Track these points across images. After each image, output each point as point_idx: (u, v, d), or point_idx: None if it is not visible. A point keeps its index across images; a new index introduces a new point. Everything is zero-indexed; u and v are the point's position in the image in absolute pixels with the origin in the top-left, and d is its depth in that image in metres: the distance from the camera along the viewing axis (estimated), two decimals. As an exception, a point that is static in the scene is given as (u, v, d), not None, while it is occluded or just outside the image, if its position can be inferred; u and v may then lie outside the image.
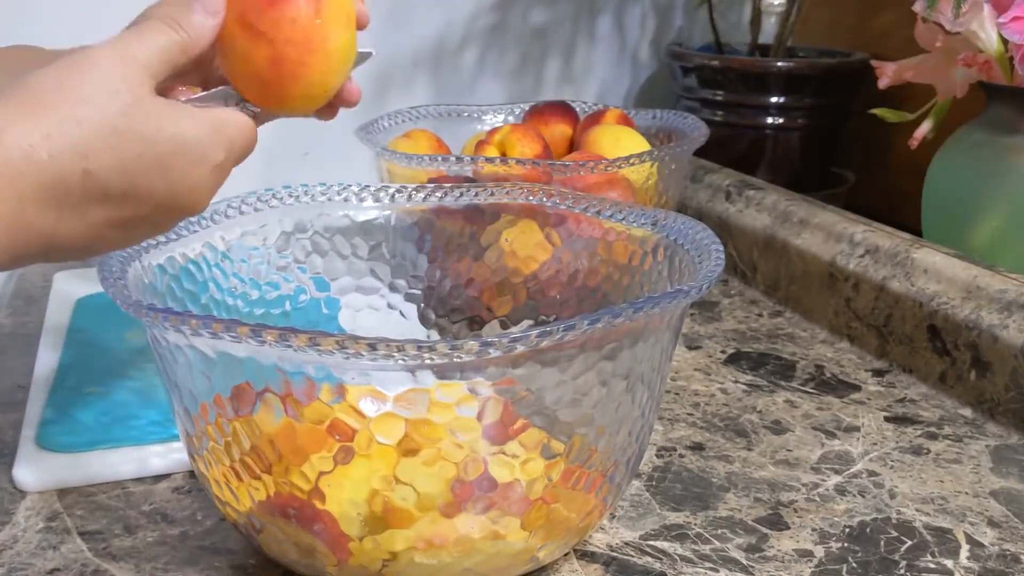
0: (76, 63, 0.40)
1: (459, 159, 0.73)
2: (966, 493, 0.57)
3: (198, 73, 0.47)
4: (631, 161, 0.74)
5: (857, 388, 0.70)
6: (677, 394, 0.69)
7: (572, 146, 0.87)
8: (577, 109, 0.91)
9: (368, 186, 0.61)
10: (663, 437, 0.63)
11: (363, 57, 0.50)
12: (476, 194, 0.61)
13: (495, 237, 0.62)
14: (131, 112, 0.40)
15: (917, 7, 0.80)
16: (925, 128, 0.87)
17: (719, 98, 1.11)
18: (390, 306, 0.64)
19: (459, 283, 0.63)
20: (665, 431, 0.64)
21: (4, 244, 0.39)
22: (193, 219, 0.54)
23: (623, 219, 0.56)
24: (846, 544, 0.52)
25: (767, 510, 0.55)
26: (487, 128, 0.92)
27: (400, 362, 0.38)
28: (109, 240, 0.42)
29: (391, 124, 0.88)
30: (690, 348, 0.77)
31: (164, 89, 0.43)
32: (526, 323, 0.62)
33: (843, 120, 1.13)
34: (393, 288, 0.63)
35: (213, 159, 0.43)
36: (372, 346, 0.37)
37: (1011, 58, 0.76)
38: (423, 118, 0.91)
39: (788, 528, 0.53)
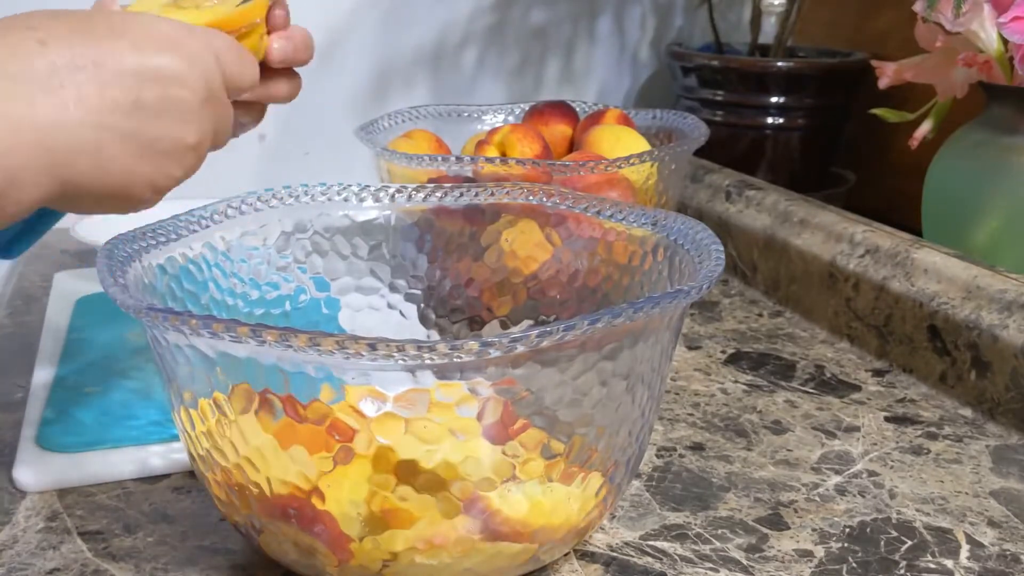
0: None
1: (459, 159, 0.73)
2: (966, 493, 0.57)
3: None
4: (631, 161, 0.74)
5: (857, 388, 0.70)
6: (677, 394, 0.69)
7: (572, 146, 0.87)
8: (577, 109, 0.91)
9: (368, 186, 0.61)
10: (663, 437, 0.63)
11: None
12: (476, 194, 0.61)
13: (495, 237, 0.62)
14: (92, 12, 0.41)
15: (917, 7, 0.80)
16: (925, 128, 0.87)
17: (719, 98, 1.11)
18: (390, 306, 0.64)
19: (459, 283, 0.63)
20: (665, 431, 0.64)
21: None
22: (193, 219, 0.54)
23: (623, 219, 0.56)
24: (846, 544, 0.52)
25: (767, 510, 0.55)
26: (487, 128, 0.92)
27: (400, 362, 0.38)
28: (120, 134, 0.40)
29: (391, 124, 0.88)
30: (690, 348, 0.77)
31: None
32: (526, 323, 0.62)
33: (843, 120, 1.13)
34: (393, 288, 0.63)
35: (170, 28, 0.43)
36: (372, 346, 0.37)
37: (1011, 58, 0.76)
38: (423, 118, 0.91)
39: (788, 528, 0.53)
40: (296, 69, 0.60)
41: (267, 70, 0.57)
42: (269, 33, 0.57)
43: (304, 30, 0.57)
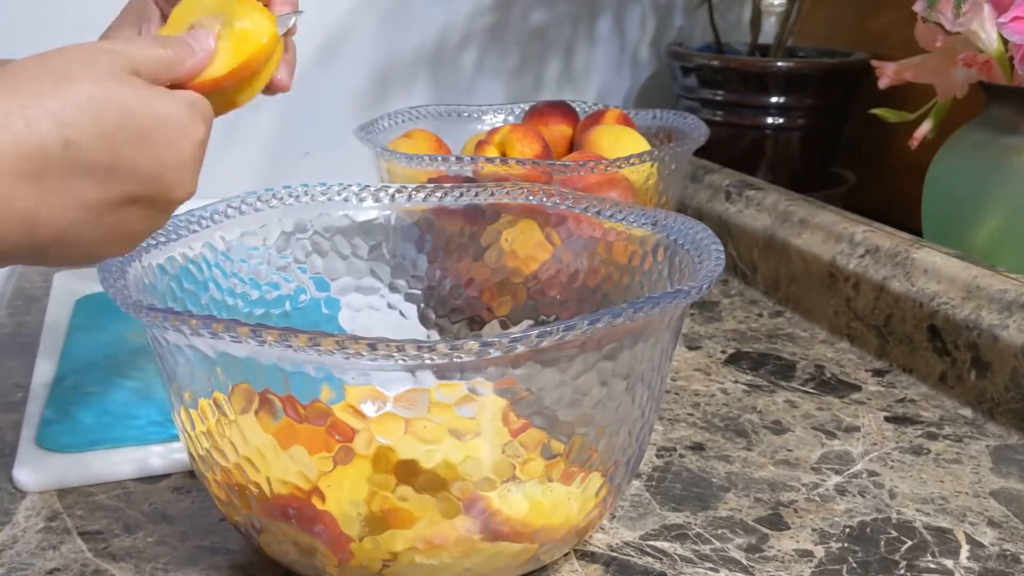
0: (57, 49, 0.40)
1: (459, 159, 0.73)
2: (966, 493, 0.57)
3: None
4: (631, 161, 0.74)
5: (857, 388, 0.70)
6: (677, 394, 0.69)
7: (572, 146, 0.87)
8: (577, 109, 0.91)
9: (368, 186, 0.61)
10: (663, 437, 0.63)
11: (286, 20, 0.52)
12: (476, 194, 0.61)
13: (495, 237, 0.62)
14: (111, 86, 0.39)
15: (917, 7, 0.80)
16: (925, 128, 0.87)
17: (719, 98, 1.11)
18: (390, 306, 0.64)
19: (459, 283, 0.63)
20: (665, 431, 0.64)
21: None
22: (193, 219, 0.54)
23: (623, 219, 0.56)
24: (846, 544, 0.52)
25: (767, 510, 0.55)
26: (487, 128, 0.92)
27: (400, 362, 0.38)
28: (100, 229, 0.40)
29: (391, 124, 0.88)
30: (690, 348, 0.77)
31: None
32: (526, 323, 0.62)
33: (843, 120, 1.13)
34: (393, 288, 0.63)
35: (195, 134, 0.42)
36: (372, 346, 0.37)
37: (1011, 58, 0.76)
38: (423, 118, 0.91)
39: (788, 528, 0.53)
40: (295, 69, 0.60)
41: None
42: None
43: (293, 60, 0.57)
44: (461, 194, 0.61)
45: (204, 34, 0.46)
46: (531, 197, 0.60)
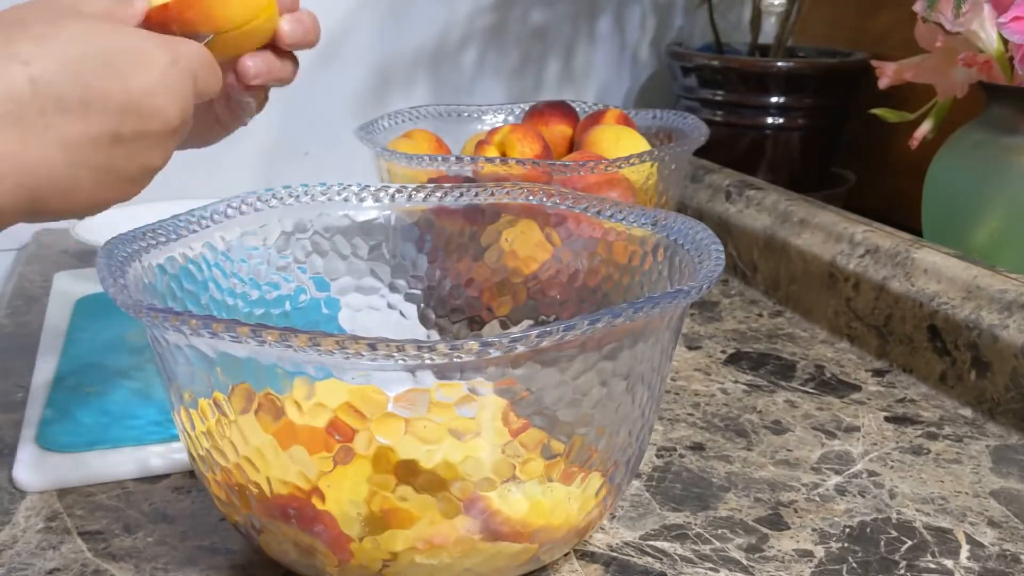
0: (7, 9, 0.41)
1: (459, 159, 0.73)
2: (966, 493, 0.57)
3: None
4: (631, 161, 0.74)
5: (857, 388, 0.70)
6: (677, 394, 0.69)
7: (572, 146, 0.87)
8: (577, 109, 0.91)
9: (368, 186, 0.61)
10: (663, 437, 0.63)
11: None
12: (476, 194, 0.61)
13: (495, 237, 0.62)
14: (67, 23, 0.40)
15: (917, 7, 0.80)
16: (925, 128, 0.87)
17: (719, 98, 1.11)
18: (390, 306, 0.63)
19: (459, 283, 0.63)
20: (665, 431, 0.64)
21: None
22: (193, 219, 0.54)
23: (623, 219, 0.56)
24: (846, 544, 0.52)
25: (767, 510, 0.55)
26: (487, 128, 0.92)
27: (400, 362, 0.38)
28: (93, 171, 0.40)
29: (391, 124, 0.88)
30: (690, 348, 0.77)
31: None
32: (526, 323, 0.62)
33: (843, 120, 1.13)
34: (393, 288, 0.63)
35: (157, 57, 0.42)
36: (372, 346, 0.37)
37: (1011, 58, 0.76)
38: (423, 118, 0.91)
39: (788, 528, 0.53)
40: (296, 68, 0.60)
41: (275, 51, 0.57)
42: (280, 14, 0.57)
43: (311, 13, 0.57)
44: (461, 194, 0.61)
45: None
46: (531, 197, 0.60)
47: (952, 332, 0.69)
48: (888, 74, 0.89)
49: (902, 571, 0.49)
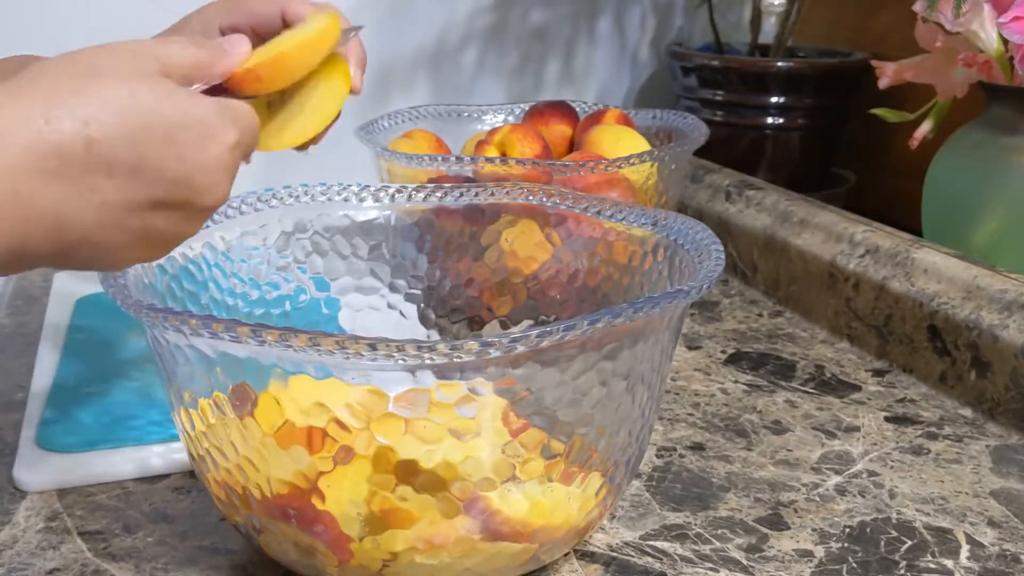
0: (88, 48, 0.39)
1: (459, 159, 0.73)
2: (966, 493, 0.57)
3: None
4: (631, 161, 0.74)
5: (857, 388, 0.70)
6: (677, 394, 0.69)
7: (572, 146, 0.87)
8: (577, 109, 0.91)
9: (368, 186, 0.61)
10: (663, 437, 0.63)
11: (348, 33, 0.51)
12: (476, 194, 0.61)
13: (495, 237, 0.62)
14: (138, 86, 0.38)
15: (917, 7, 0.80)
16: (925, 128, 0.87)
17: (719, 98, 1.11)
18: (390, 306, 0.64)
19: (459, 283, 0.63)
20: (665, 431, 0.64)
21: (1, 220, 0.35)
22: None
23: (623, 219, 0.56)
24: (846, 544, 0.52)
25: (767, 510, 0.55)
26: (487, 128, 0.92)
27: (400, 362, 0.38)
28: (127, 233, 0.39)
29: (391, 124, 0.88)
30: (690, 348, 0.77)
31: None
32: (526, 323, 0.62)
33: (843, 120, 1.13)
34: (393, 288, 0.63)
35: (225, 137, 0.40)
36: (372, 346, 0.37)
37: (1011, 58, 0.76)
38: (423, 118, 0.91)
39: (788, 528, 0.53)
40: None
41: None
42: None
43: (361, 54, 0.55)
44: (461, 194, 0.61)
45: (238, 37, 0.44)
46: (531, 197, 0.60)
47: (952, 332, 0.69)
48: (888, 74, 0.89)
49: (902, 571, 0.49)
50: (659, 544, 0.51)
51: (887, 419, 0.66)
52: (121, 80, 0.38)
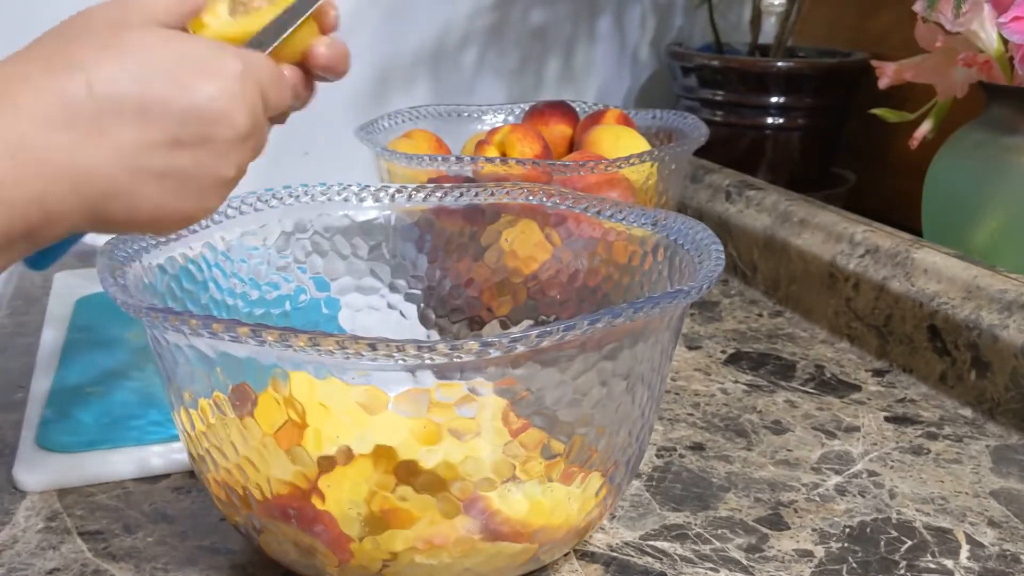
0: (76, 14, 0.40)
1: (459, 159, 0.73)
2: (966, 493, 0.57)
3: None
4: (631, 161, 0.74)
5: (857, 388, 0.70)
6: (677, 394, 0.69)
7: (572, 146, 0.87)
8: (577, 109, 0.91)
9: (368, 186, 0.61)
10: (663, 437, 0.63)
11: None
12: (476, 194, 0.61)
13: (495, 237, 0.62)
14: (129, 31, 0.39)
15: (917, 7, 0.80)
16: (925, 128, 0.87)
17: (719, 98, 1.11)
18: (390, 306, 0.64)
19: (459, 283, 0.63)
20: (665, 431, 0.64)
21: (17, 177, 0.36)
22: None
23: (623, 219, 0.56)
24: (846, 544, 0.52)
25: (767, 510, 0.55)
26: (487, 128, 0.92)
27: (400, 362, 0.38)
28: (155, 180, 0.39)
29: (391, 124, 0.88)
30: (690, 348, 0.77)
31: None
32: (526, 323, 0.62)
33: (843, 120, 1.13)
34: (393, 288, 0.63)
35: (225, 67, 0.41)
36: (372, 346, 0.37)
37: (1011, 58, 0.76)
38: (423, 118, 0.91)
39: (788, 528, 0.53)
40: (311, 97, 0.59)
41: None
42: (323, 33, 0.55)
43: (344, 45, 0.56)
44: (461, 194, 0.61)
45: None
46: (531, 197, 0.60)
47: (952, 332, 0.69)
48: (888, 74, 0.89)
49: (902, 571, 0.49)
50: (659, 544, 0.51)
51: (887, 419, 0.66)
52: (115, 32, 0.39)
